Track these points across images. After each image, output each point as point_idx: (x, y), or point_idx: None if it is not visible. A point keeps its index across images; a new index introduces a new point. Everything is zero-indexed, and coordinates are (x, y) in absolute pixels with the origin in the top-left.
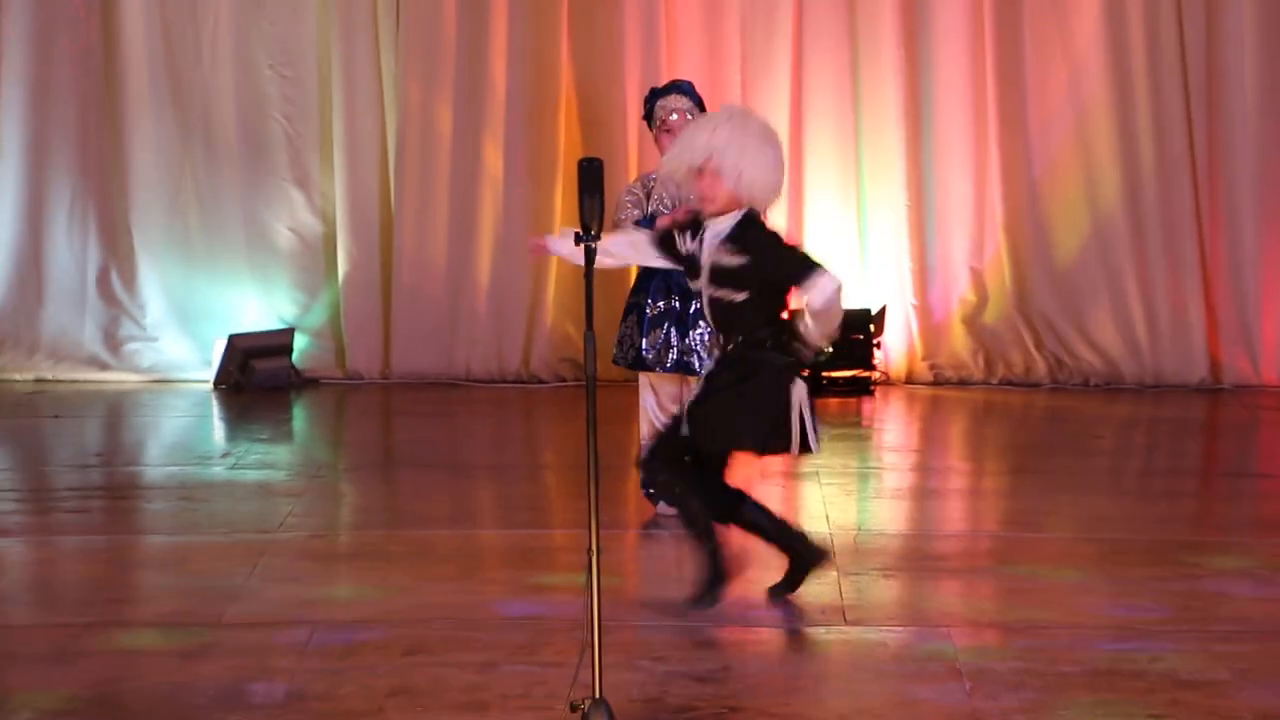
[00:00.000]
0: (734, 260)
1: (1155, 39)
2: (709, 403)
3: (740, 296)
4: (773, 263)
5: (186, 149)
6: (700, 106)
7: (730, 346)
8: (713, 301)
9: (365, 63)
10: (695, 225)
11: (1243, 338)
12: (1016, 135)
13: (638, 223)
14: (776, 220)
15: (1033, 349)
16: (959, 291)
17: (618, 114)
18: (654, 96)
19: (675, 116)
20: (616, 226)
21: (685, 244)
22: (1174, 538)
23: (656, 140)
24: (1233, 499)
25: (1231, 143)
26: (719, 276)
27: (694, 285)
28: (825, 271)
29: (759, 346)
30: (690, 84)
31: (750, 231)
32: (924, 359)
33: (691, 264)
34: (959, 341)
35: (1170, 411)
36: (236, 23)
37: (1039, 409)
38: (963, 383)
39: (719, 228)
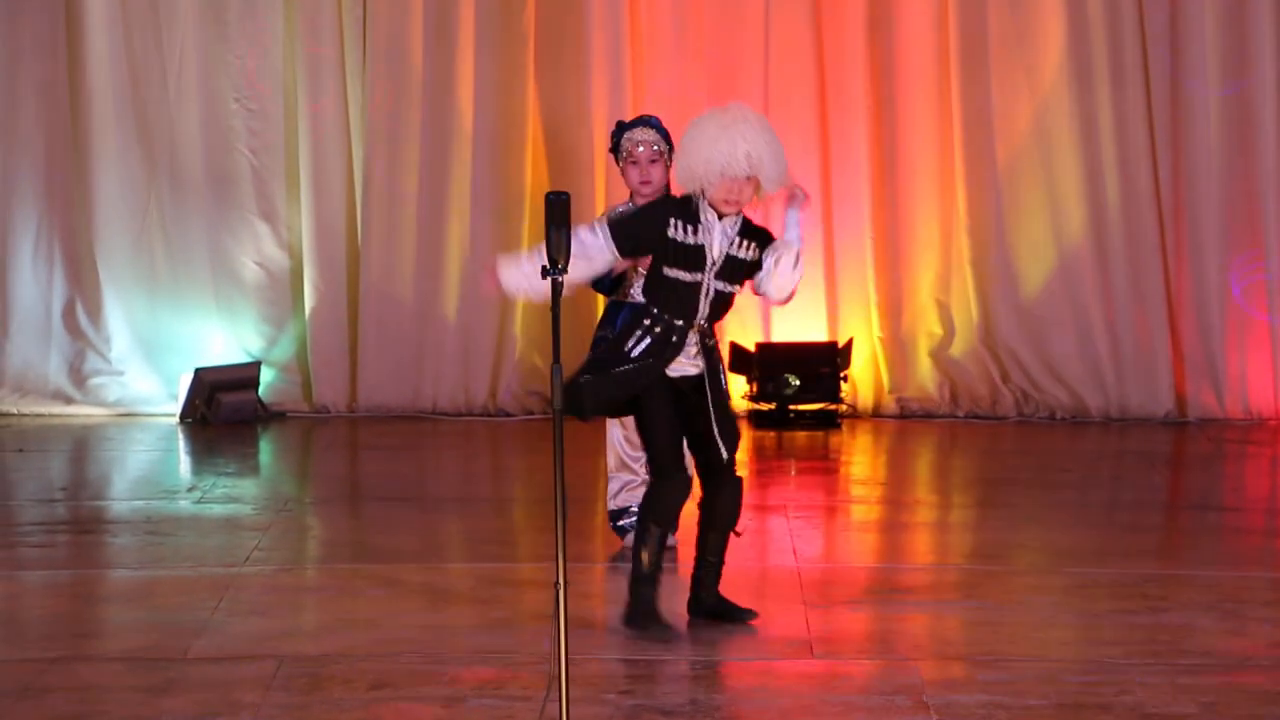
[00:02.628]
0: (748, 254)
1: (1120, 74)
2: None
3: (736, 289)
4: (764, 253)
5: (152, 182)
6: (667, 140)
7: (709, 340)
8: (716, 294)
9: (331, 96)
10: (690, 216)
11: (1208, 371)
12: (982, 169)
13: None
14: None
15: (999, 382)
16: (925, 325)
17: (585, 148)
18: (621, 129)
19: (642, 149)
20: None
21: (685, 235)
22: (1140, 571)
23: (623, 172)
24: (1198, 532)
25: (1196, 177)
26: (731, 269)
27: (683, 275)
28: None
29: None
30: (658, 119)
31: (750, 225)
32: (890, 392)
33: (689, 254)
34: (925, 375)
35: (1136, 445)
36: (202, 56)
37: (1005, 442)
38: (929, 416)
39: (729, 221)
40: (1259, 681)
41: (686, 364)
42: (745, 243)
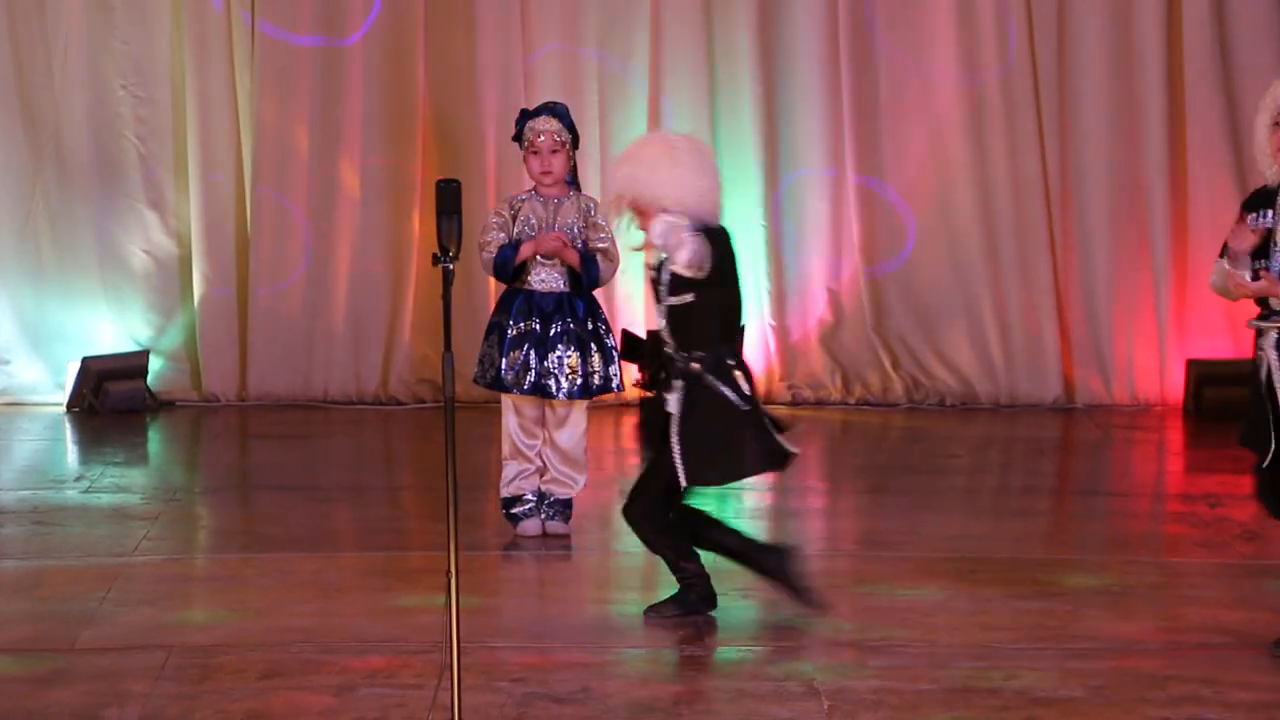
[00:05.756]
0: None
1: (1007, 59)
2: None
3: (685, 297)
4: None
5: (37, 170)
6: (571, 129)
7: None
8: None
9: (220, 82)
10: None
11: (1095, 358)
12: (872, 157)
13: (502, 246)
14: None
15: (890, 369)
16: (816, 312)
17: (475, 135)
18: (524, 117)
19: (543, 138)
20: (482, 250)
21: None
22: (1029, 556)
23: (525, 160)
24: (1086, 517)
25: (1082, 165)
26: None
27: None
28: None
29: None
30: (564, 106)
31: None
32: (782, 379)
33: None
34: (817, 362)
35: (1025, 431)
36: (87, 42)
37: (896, 429)
38: (820, 403)
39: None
40: (1147, 665)
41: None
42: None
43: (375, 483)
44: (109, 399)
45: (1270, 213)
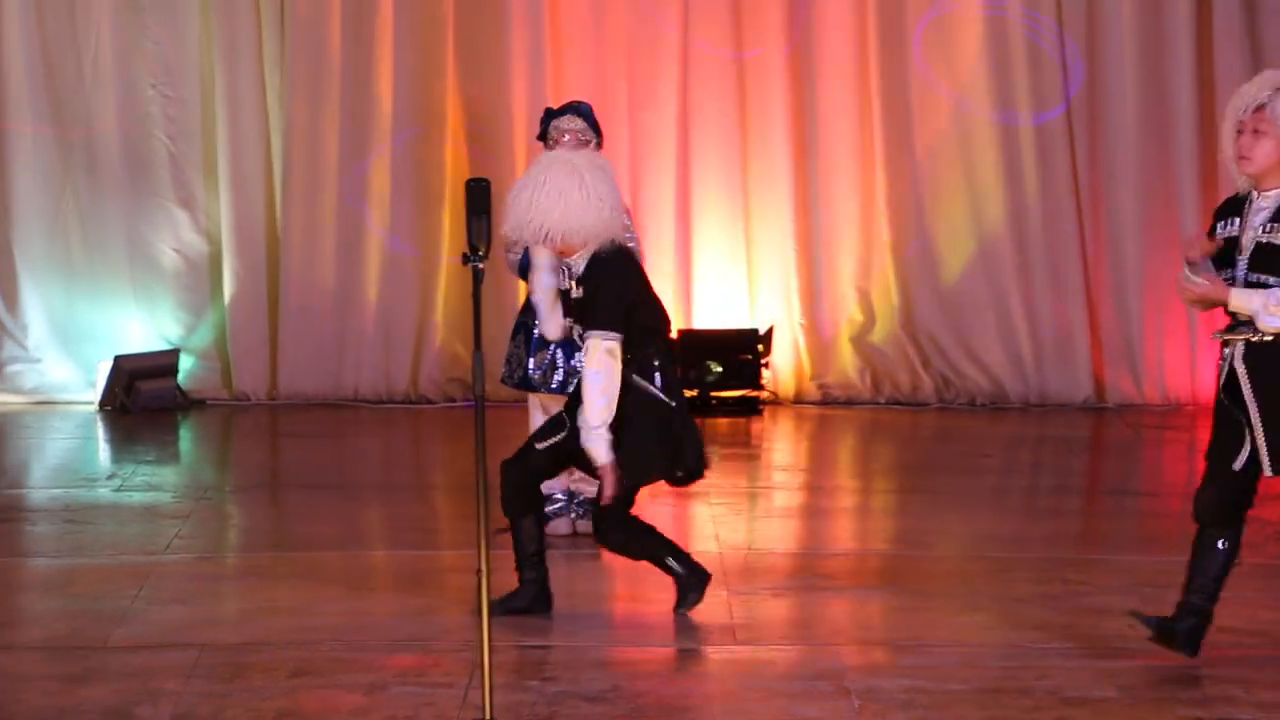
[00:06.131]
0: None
1: (1037, 61)
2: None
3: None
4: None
5: (68, 169)
6: (595, 129)
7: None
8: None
9: (249, 82)
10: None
11: (1126, 357)
12: (902, 156)
13: (526, 248)
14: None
15: (920, 368)
16: (846, 311)
17: (505, 134)
18: (549, 116)
19: (568, 137)
20: (508, 251)
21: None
22: (1060, 555)
23: None
24: (1117, 516)
25: (1113, 164)
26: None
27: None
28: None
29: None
30: (588, 106)
31: (595, 266)
32: (812, 378)
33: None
34: (847, 361)
35: (1055, 430)
36: (118, 42)
37: (926, 428)
38: (850, 402)
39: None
40: (1179, 665)
41: None
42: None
43: (405, 481)
44: (140, 397)
45: (1238, 220)
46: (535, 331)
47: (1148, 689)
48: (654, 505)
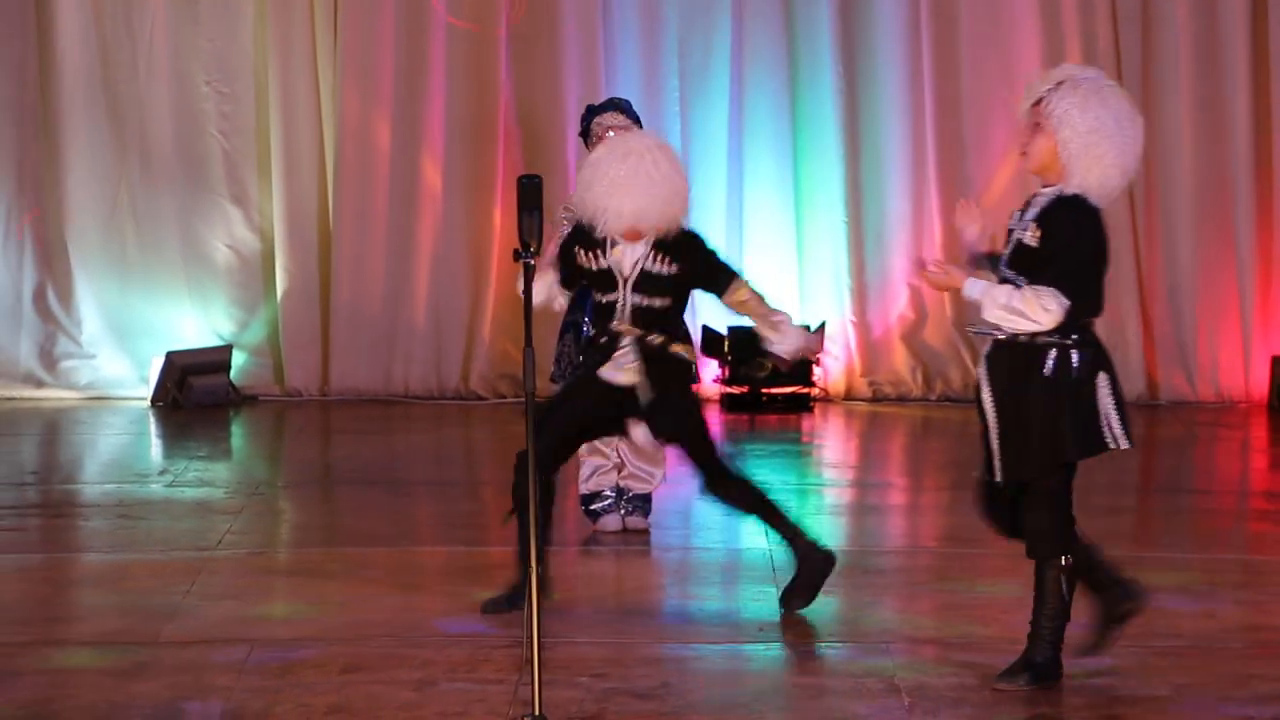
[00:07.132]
0: (665, 268)
1: (1092, 56)
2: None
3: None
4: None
5: (123, 165)
6: (637, 123)
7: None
8: (634, 308)
9: (303, 79)
10: (598, 244)
11: (1179, 355)
12: (954, 153)
13: None
14: (717, 239)
15: (971, 366)
16: (898, 308)
17: (557, 131)
18: (591, 113)
19: (611, 134)
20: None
21: (595, 262)
22: (1113, 553)
23: None
24: (1170, 514)
25: (1168, 161)
26: (647, 283)
27: (605, 297)
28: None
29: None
30: (628, 101)
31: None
32: (863, 375)
33: (606, 278)
34: (898, 358)
35: None
36: (173, 38)
37: (978, 425)
38: (901, 399)
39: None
40: (1231, 663)
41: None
42: (661, 256)
43: (456, 478)
44: (193, 393)
45: (1024, 213)
46: (585, 329)
47: (1200, 687)
48: (704, 500)
